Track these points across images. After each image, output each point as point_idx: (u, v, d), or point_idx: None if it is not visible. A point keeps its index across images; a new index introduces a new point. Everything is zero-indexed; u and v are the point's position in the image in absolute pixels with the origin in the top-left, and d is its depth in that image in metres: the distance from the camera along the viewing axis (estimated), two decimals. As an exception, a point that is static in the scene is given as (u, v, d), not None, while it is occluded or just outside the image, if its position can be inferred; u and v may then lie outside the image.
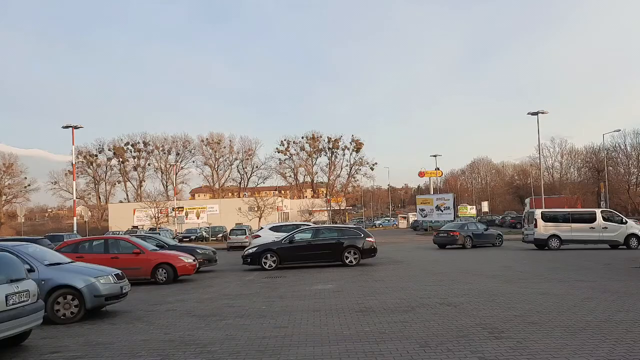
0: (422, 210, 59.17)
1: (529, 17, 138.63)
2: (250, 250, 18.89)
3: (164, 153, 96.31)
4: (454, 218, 55.32)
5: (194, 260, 16.11)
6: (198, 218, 69.99)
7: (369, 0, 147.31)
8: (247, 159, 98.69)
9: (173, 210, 56.91)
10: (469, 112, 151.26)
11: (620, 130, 61.06)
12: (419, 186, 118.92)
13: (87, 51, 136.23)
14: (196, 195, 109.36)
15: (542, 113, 41.29)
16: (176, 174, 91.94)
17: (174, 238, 36.89)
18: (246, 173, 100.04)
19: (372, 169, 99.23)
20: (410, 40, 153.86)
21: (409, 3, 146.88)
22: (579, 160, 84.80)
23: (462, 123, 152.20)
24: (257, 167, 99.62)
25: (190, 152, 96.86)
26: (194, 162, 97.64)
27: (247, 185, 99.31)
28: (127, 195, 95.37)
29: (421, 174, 71.43)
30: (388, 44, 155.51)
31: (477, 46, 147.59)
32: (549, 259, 19.87)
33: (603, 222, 25.23)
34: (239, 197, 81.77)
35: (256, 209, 54.20)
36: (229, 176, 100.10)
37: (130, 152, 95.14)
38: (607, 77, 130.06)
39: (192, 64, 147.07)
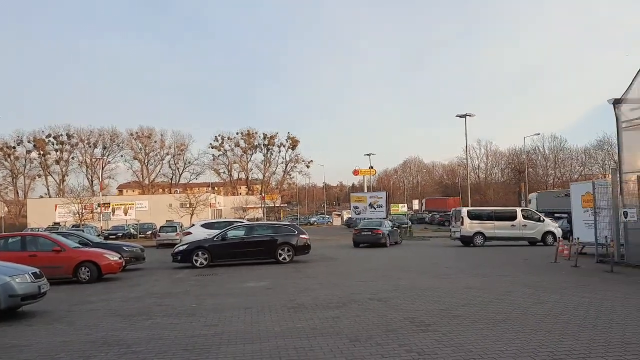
0: (356, 207, 60.14)
1: (460, 24, 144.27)
2: (181, 248, 18.42)
3: (90, 146, 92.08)
4: (387, 216, 56.78)
5: (120, 258, 15.49)
6: (126, 214, 67.24)
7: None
8: (179, 154, 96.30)
9: (98, 206, 54.48)
10: (402, 112, 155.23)
11: (539, 134, 65.22)
12: (353, 184, 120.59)
13: (4, 37, 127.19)
14: (124, 191, 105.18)
15: (470, 116, 43.15)
16: (102, 169, 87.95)
17: (98, 235, 35.27)
18: (178, 169, 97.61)
19: (307, 166, 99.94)
20: (345, 40, 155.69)
21: (348, 5, 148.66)
22: (503, 162, 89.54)
23: (395, 123, 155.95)
24: (189, 162, 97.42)
25: (118, 145, 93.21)
26: (122, 156, 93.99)
27: (178, 181, 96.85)
28: (48, 190, 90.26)
29: (355, 172, 72.55)
30: (325, 43, 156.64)
31: (410, 49, 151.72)
32: (474, 255, 20.82)
33: (523, 220, 26.77)
34: (170, 193, 79.55)
35: (188, 205, 52.97)
36: (159, 171, 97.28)
37: (53, 144, 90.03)
38: (530, 82, 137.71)
39: (123, 52, 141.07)
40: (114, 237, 41.72)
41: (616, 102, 15.79)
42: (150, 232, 47.74)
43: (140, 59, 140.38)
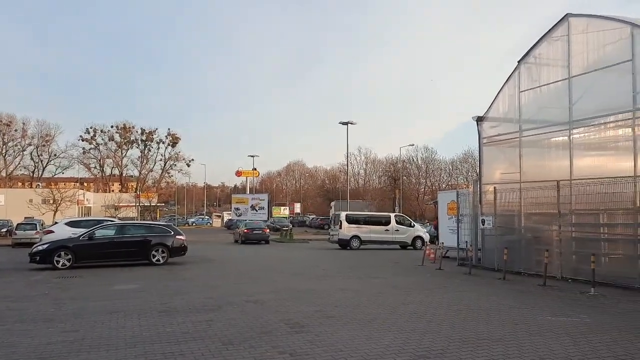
0: (237, 209, 59.63)
1: (344, 33, 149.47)
2: (40, 247, 16.78)
3: None
4: (268, 218, 56.91)
5: (-35, 258, 13.70)
6: (-23, 210, 59.86)
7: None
8: (44, 145, 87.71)
9: (-57, 199, 47.89)
10: (287, 115, 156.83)
11: (413, 144, 69.82)
12: (235, 185, 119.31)
13: None
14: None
15: (352, 123, 44.84)
16: (-50, 157, 77.50)
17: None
18: (42, 161, 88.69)
19: (188, 165, 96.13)
20: (232, 40, 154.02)
21: (236, 4, 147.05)
22: (380, 169, 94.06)
23: (280, 126, 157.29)
24: (55, 155, 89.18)
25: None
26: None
27: (41, 175, 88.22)
28: None
29: (238, 174, 71.90)
30: (211, 40, 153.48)
31: (299, 53, 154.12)
32: (350, 258, 21.60)
33: (396, 225, 28.36)
34: (31, 187, 72.34)
35: (51, 201, 48.60)
36: (19, 163, 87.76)
37: None
38: (409, 96, 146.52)
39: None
40: (-41, 234, 36.98)
41: (479, 120, 17.39)
42: (5, 229, 43.03)
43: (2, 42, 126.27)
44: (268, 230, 35.18)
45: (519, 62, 15.76)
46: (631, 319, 8.36)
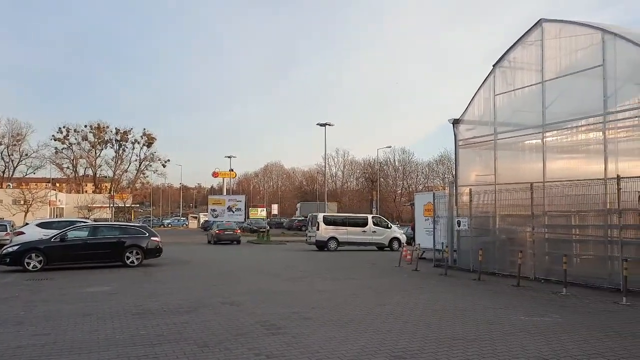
0: (214, 210, 59.18)
1: (325, 39, 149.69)
2: (11, 249, 16.36)
3: None
4: (245, 219, 56.67)
5: None
6: (-56, 210, 58.09)
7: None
8: (15, 144, 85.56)
9: None
10: (264, 117, 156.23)
11: (391, 146, 70.28)
12: (212, 186, 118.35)
13: None
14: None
15: (329, 125, 44.94)
16: None
17: None
18: (12, 161, 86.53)
19: (164, 165, 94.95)
20: (211, 40, 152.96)
21: (217, 3, 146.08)
22: (358, 171, 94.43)
23: (257, 127, 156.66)
24: (26, 154, 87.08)
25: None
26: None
27: (12, 175, 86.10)
28: None
29: (215, 175, 71.36)
30: (188, 39, 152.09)
31: (277, 55, 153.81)
32: (327, 259, 21.61)
33: (373, 226, 28.46)
34: (2, 187, 70.62)
35: (22, 202, 47.54)
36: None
37: None
38: (386, 99, 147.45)
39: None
40: None
41: (455, 122, 17.59)
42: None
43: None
44: (239, 231, 36.57)
45: (494, 65, 15.99)
46: (601, 319, 8.55)
